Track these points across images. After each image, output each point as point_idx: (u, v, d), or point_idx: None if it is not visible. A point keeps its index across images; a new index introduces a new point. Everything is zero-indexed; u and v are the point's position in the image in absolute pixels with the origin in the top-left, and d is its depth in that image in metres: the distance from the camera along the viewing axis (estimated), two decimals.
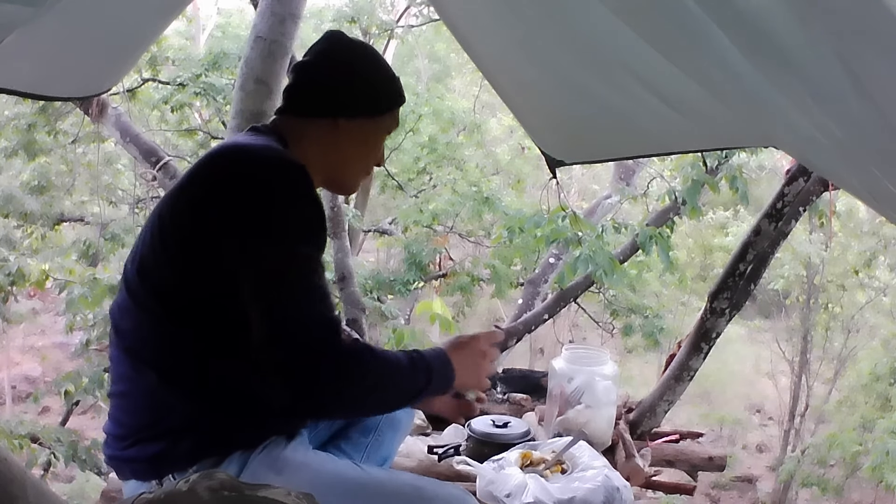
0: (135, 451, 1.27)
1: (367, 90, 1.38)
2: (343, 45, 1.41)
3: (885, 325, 11.06)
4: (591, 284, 6.33)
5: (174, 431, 1.25)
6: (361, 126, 1.38)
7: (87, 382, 5.36)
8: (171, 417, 1.26)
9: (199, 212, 1.24)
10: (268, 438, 1.30)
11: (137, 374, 1.28)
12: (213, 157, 1.32)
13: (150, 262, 1.28)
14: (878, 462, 7.23)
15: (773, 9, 0.84)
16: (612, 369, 2.30)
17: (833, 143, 1.11)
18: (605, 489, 1.75)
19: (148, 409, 1.27)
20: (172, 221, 1.27)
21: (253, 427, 1.29)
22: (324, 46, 1.40)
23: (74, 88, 2.40)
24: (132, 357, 1.28)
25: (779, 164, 7.57)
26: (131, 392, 1.29)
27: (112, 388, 1.34)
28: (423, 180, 8.31)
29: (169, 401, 1.26)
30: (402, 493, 1.32)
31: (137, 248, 1.32)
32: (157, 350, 1.26)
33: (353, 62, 1.39)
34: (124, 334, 1.31)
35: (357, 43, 1.48)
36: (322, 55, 1.39)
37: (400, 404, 1.39)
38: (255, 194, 1.21)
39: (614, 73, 1.74)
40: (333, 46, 1.40)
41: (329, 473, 1.31)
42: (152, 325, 1.27)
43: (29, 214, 7.12)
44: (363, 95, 1.38)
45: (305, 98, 1.38)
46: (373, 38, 7.80)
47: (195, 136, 7.96)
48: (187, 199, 1.28)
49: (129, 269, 1.32)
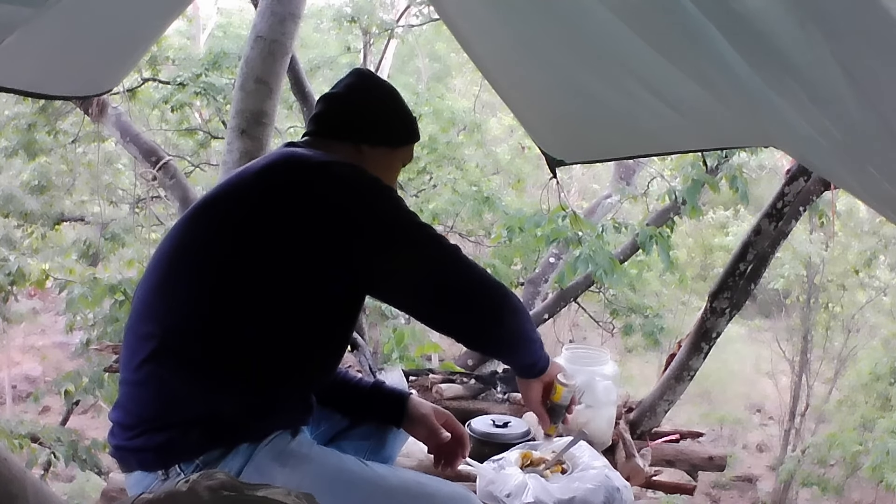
0: (142, 440, 1.28)
1: (389, 123, 1.52)
2: (370, 80, 1.58)
3: (886, 324, 11.05)
4: (591, 284, 6.34)
5: (184, 422, 1.27)
6: (381, 155, 1.49)
7: (87, 382, 5.37)
8: (182, 409, 1.27)
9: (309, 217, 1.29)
10: (274, 431, 1.31)
11: (152, 363, 1.29)
12: (286, 164, 1.38)
13: (192, 255, 1.33)
14: (879, 462, 7.23)
15: (771, 11, 0.84)
16: (612, 369, 2.30)
17: (831, 143, 1.11)
18: (605, 489, 1.75)
19: (159, 400, 1.29)
20: (263, 223, 1.31)
21: (260, 420, 1.30)
22: (352, 80, 1.54)
23: (75, 88, 2.40)
24: (150, 345, 1.29)
25: (779, 164, 7.58)
26: (143, 381, 1.30)
27: (123, 374, 1.35)
28: (423, 180, 8.30)
29: (182, 393, 1.27)
30: (405, 489, 1.34)
31: (176, 238, 1.37)
32: (179, 341, 1.29)
33: (379, 97, 1.54)
34: (144, 323, 1.32)
35: (382, 81, 1.65)
36: (351, 88, 1.53)
37: (527, 345, 1.43)
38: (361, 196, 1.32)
39: (614, 73, 1.74)
40: (362, 81, 1.55)
41: (333, 468, 1.32)
42: (178, 316, 1.30)
43: (29, 214, 7.12)
44: (385, 127, 1.51)
45: (334, 124, 1.50)
46: (373, 38, 7.80)
47: (195, 135, 7.96)
48: (267, 201, 1.32)
49: (159, 258, 1.36)
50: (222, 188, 1.41)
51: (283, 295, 1.30)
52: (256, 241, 1.30)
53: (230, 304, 1.29)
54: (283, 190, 1.32)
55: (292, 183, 1.33)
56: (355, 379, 1.64)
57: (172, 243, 1.37)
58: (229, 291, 1.29)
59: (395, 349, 4.40)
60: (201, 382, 1.28)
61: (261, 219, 1.31)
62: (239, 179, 1.39)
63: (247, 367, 1.29)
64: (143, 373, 1.30)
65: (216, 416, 1.27)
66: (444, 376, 2.76)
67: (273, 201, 1.31)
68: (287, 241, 1.29)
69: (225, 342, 1.28)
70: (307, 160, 1.37)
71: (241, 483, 0.98)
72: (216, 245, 1.32)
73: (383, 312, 5.73)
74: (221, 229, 1.33)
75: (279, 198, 1.31)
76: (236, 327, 1.29)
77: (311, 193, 1.31)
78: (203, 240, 1.34)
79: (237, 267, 1.30)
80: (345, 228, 1.29)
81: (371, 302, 5.73)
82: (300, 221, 1.29)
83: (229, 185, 1.40)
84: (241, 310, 1.29)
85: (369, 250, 1.29)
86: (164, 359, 1.28)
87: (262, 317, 1.29)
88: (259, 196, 1.33)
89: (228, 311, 1.29)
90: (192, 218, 1.39)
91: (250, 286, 1.29)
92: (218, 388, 1.28)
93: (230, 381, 1.28)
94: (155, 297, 1.34)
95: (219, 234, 1.33)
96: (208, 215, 1.37)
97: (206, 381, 1.28)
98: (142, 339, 1.31)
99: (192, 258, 1.33)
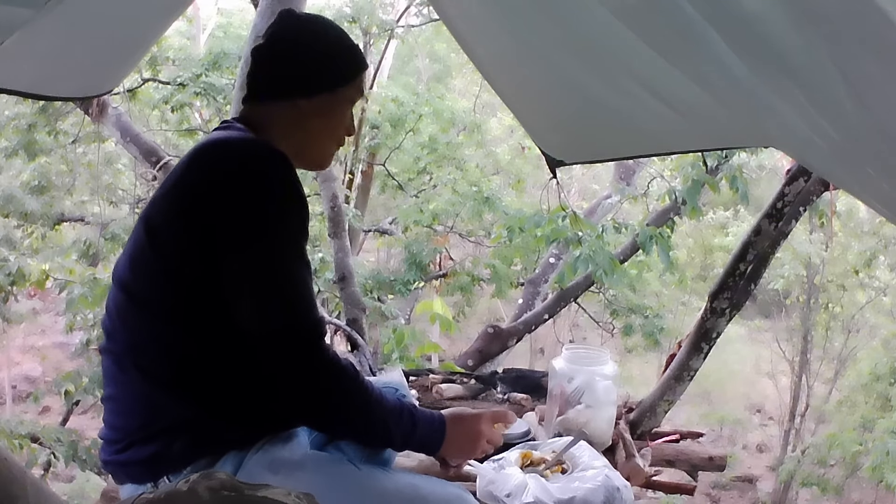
0: (129, 454, 1.27)
1: (320, 67, 1.35)
2: (292, 23, 1.37)
3: (886, 324, 11.05)
4: (591, 284, 6.33)
5: (168, 432, 1.25)
6: (322, 102, 1.36)
7: (87, 382, 5.38)
8: (163, 418, 1.26)
9: (189, 212, 1.24)
10: (262, 438, 1.30)
11: (128, 376, 1.28)
12: (195, 157, 1.32)
13: (142, 264, 1.29)
14: (879, 462, 7.24)
15: (770, 13, 0.84)
16: (612, 369, 2.30)
17: (830, 144, 1.11)
18: (605, 489, 1.75)
19: (140, 411, 1.28)
20: (165, 221, 1.27)
21: (246, 426, 1.29)
22: (274, 28, 1.37)
23: (75, 89, 2.40)
24: (123, 359, 1.29)
25: (779, 164, 7.57)
26: (123, 395, 1.30)
27: (105, 391, 1.34)
28: (423, 180, 8.31)
29: (161, 402, 1.26)
30: (399, 494, 1.31)
31: (128, 250, 1.32)
32: (149, 351, 1.27)
33: (303, 40, 1.36)
34: (116, 337, 1.31)
35: (306, 18, 1.43)
36: (273, 37, 1.37)
37: (380, 437, 1.33)
38: (241, 190, 1.23)
39: (614, 73, 1.74)
40: (283, 26, 1.37)
41: (326, 474, 1.31)
42: (144, 325, 1.28)
43: (29, 214, 7.12)
44: (317, 73, 1.35)
45: (262, 83, 1.37)
46: (373, 38, 7.80)
47: (195, 135, 7.94)
48: (176, 199, 1.28)
49: (120, 269, 1.33)
50: (152, 201, 1.34)
51: (218, 304, 1.24)
52: (181, 243, 1.25)
53: (182, 316, 1.26)
54: (188, 195, 1.26)
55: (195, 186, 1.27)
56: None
57: (123, 260, 1.33)
58: (178, 303, 1.26)
59: (395, 349, 4.41)
60: (176, 394, 1.26)
61: (179, 226, 1.26)
62: (163, 189, 1.33)
63: (211, 377, 1.27)
64: (119, 388, 1.30)
65: (200, 426, 1.26)
66: (444, 376, 2.76)
67: (184, 206, 1.26)
68: (199, 250, 1.24)
69: (186, 358, 1.26)
70: (204, 167, 1.29)
71: (241, 483, 0.98)
72: (156, 251, 1.27)
73: (383, 313, 5.73)
74: (154, 233, 1.28)
75: (188, 203, 1.25)
76: (192, 341, 1.26)
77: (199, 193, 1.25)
78: (144, 247, 1.29)
79: (179, 281, 1.25)
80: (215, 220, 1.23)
81: (371, 302, 5.73)
82: (204, 225, 1.23)
83: (156, 197, 1.33)
84: (192, 322, 1.26)
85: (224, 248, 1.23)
86: (136, 374, 1.27)
87: (214, 325, 1.25)
88: (172, 202, 1.28)
89: (182, 325, 1.26)
90: (133, 234, 1.34)
91: (194, 297, 1.25)
92: (191, 400, 1.26)
93: (199, 392, 1.27)
94: (115, 316, 1.31)
95: (153, 248, 1.27)
96: (144, 230, 1.31)
97: (180, 393, 1.26)
98: (114, 355, 1.30)
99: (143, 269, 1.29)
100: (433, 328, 6.46)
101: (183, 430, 1.25)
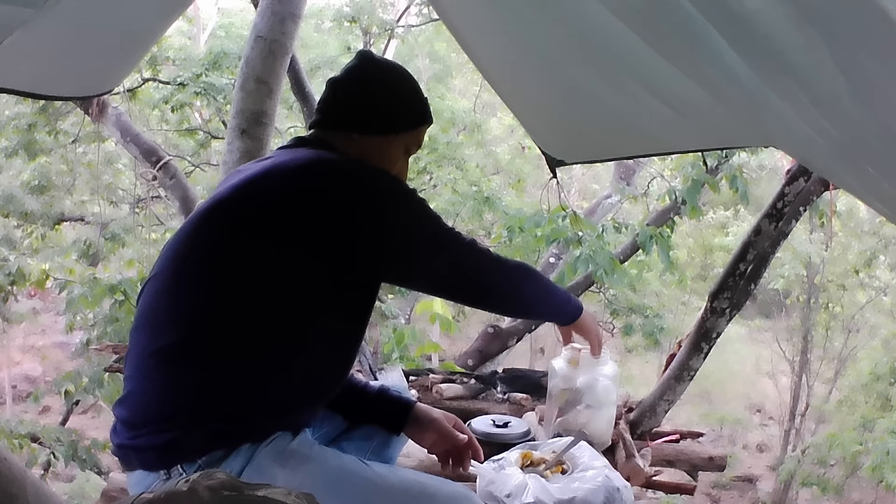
0: (146, 439, 1.28)
1: (379, 109, 1.45)
2: (369, 63, 1.50)
3: (886, 324, 11.05)
4: (591, 284, 6.34)
5: (188, 422, 1.26)
6: (375, 143, 1.45)
7: (87, 382, 5.37)
8: (187, 408, 1.27)
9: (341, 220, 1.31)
10: (276, 432, 1.31)
11: (163, 362, 1.29)
12: (312, 168, 1.36)
13: (212, 260, 1.32)
14: (879, 462, 7.23)
15: (770, 12, 0.84)
16: (612, 369, 2.29)
17: (830, 143, 1.11)
18: (605, 489, 1.75)
19: (168, 397, 1.28)
20: (288, 221, 1.31)
21: (265, 420, 1.31)
22: (353, 64, 1.49)
23: (75, 88, 2.40)
24: (160, 344, 1.30)
25: (779, 164, 7.58)
26: (153, 377, 1.30)
27: (129, 371, 1.34)
28: (423, 180, 8.30)
29: (190, 390, 1.27)
30: (405, 489, 1.34)
31: (186, 244, 1.35)
32: (192, 340, 1.28)
33: (373, 81, 1.47)
34: (156, 321, 1.32)
35: (384, 63, 1.56)
36: (349, 72, 1.48)
37: (551, 300, 1.58)
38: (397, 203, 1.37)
39: (614, 72, 1.74)
40: (361, 65, 1.49)
41: (334, 468, 1.32)
42: (181, 319, 1.30)
43: (29, 214, 7.13)
44: (375, 114, 1.45)
45: (326, 112, 1.47)
46: (373, 38, 7.80)
47: (195, 135, 7.96)
48: (312, 205, 1.31)
49: (180, 254, 1.34)
50: (234, 189, 1.37)
51: (296, 298, 1.30)
52: (271, 244, 1.29)
53: (241, 304, 1.29)
54: (306, 195, 1.31)
55: (315, 189, 1.32)
56: (361, 383, 1.64)
57: (182, 243, 1.36)
58: (240, 292, 1.29)
59: (395, 349, 4.40)
60: (210, 381, 1.28)
61: (278, 221, 1.30)
62: (252, 181, 1.36)
63: (255, 367, 1.29)
64: (151, 370, 1.30)
65: (222, 416, 1.27)
66: (444, 376, 2.76)
67: (295, 205, 1.30)
68: (304, 246, 1.29)
69: (234, 343, 1.28)
70: (333, 164, 1.37)
71: (242, 483, 0.98)
72: (229, 246, 1.31)
73: (383, 313, 5.73)
74: (235, 230, 1.32)
75: (302, 202, 1.30)
76: (246, 328, 1.29)
77: (333, 200, 1.31)
78: (214, 240, 1.33)
79: (249, 269, 1.29)
80: (370, 240, 1.32)
81: None
82: (319, 227, 1.29)
83: (243, 185, 1.36)
84: (251, 311, 1.29)
85: (394, 262, 1.36)
86: (174, 357, 1.28)
87: (273, 319, 1.29)
88: (281, 199, 1.32)
89: (238, 311, 1.29)
90: (202, 218, 1.36)
91: (262, 288, 1.29)
92: (227, 388, 1.28)
93: (238, 380, 1.28)
94: (164, 296, 1.33)
95: (232, 235, 1.31)
96: (221, 215, 1.35)
97: (215, 381, 1.28)
98: (151, 338, 1.31)
99: (203, 258, 1.32)
100: (433, 328, 6.46)
101: (203, 422, 1.26)
